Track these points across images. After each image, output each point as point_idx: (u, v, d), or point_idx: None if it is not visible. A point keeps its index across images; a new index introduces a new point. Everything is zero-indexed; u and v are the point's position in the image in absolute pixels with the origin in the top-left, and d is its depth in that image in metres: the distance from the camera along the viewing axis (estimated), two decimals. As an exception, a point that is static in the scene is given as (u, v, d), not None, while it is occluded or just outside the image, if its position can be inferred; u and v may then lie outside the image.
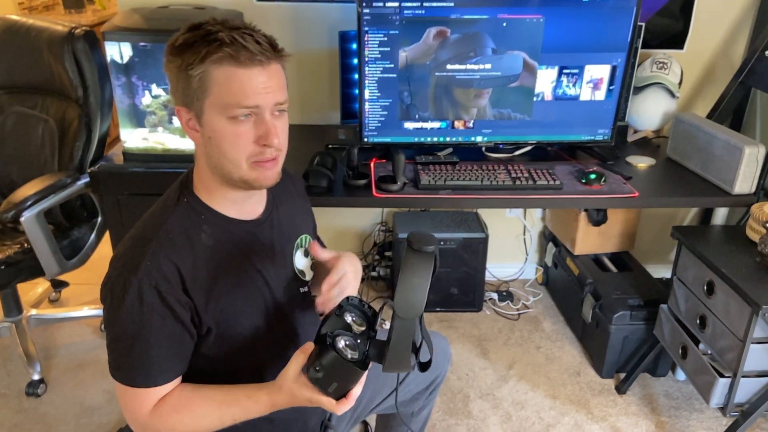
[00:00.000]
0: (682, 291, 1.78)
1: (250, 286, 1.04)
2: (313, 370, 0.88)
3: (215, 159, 0.96)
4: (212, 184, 1.00)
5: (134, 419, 0.99)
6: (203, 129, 0.95)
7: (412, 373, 1.29)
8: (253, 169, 0.96)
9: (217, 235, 1.00)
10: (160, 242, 0.94)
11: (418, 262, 0.86)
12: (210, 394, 0.99)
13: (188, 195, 1.01)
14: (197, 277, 0.96)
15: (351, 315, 0.96)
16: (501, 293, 2.51)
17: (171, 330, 0.95)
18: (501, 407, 1.95)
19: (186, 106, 0.94)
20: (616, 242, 2.29)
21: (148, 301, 0.92)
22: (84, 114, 1.94)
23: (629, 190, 1.74)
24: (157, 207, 1.01)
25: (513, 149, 2.00)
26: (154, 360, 0.95)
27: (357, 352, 0.90)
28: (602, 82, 1.87)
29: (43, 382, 1.97)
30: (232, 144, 0.93)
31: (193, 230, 0.98)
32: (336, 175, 1.79)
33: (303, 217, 1.19)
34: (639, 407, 1.96)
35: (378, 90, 1.85)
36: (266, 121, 0.94)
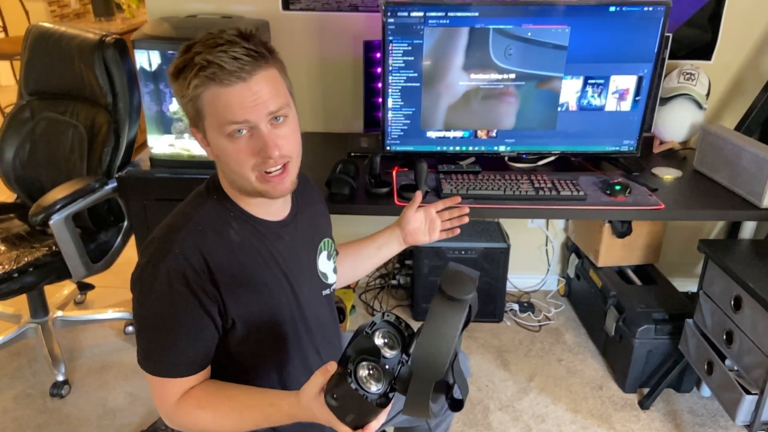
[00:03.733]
0: (709, 305, 1.75)
1: (274, 285, 1.05)
2: (329, 397, 0.80)
3: (228, 174, 1.00)
4: (234, 192, 1.03)
5: (161, 408, 1.00)
6: (211, 148, 0.99)
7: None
8: (261, 181, 0.97)
9: (245, 233, 1.02)
10: (189, 232, 0.96)
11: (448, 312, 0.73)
12: (234, 395, 0.99)
13: (217, 193, 1.03)
14: (224, 270, 0.98)
15: (383, 336, 0.87)
16: (522, 304, 2.48)
17: (197, 320, 0.96)
18: (521, 420, 1.93)
19: (195, 127, 0.99)
20: (640, 255, 2.26)
21: (176, 289, 0.94)
22: (113, 120, 1.98)
23: (655, 202, 1.72)
24: (186, 202, 1.04)
25: (536, 159, 1.99)
26: (179, 349, 0.96)
27: (381, 384, 0.80)
28: (628, 93, 1.85)
29: (68, 383, 2.01)
30: (235, 160, 0.95)
31: (222, 226, 1.00)
32: (358, 183, 1.80)
33: (325, 221, 1.21)
34: (662, 423, 1.92)
35: (401, 99, 1.85)
36: (263, 134, 0.93)
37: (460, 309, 0.73)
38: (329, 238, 1.19)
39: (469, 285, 0.74)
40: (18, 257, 1.85)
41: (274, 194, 0.99)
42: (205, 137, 0.98)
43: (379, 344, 0.85)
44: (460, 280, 0.75)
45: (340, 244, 1.36)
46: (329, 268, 1.18)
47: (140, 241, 1.93)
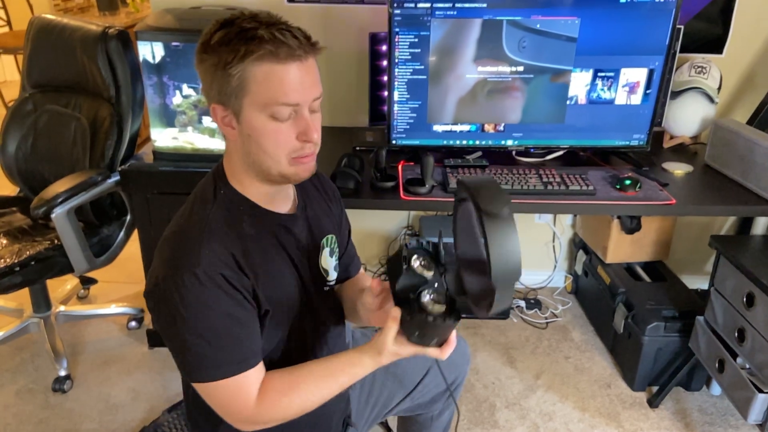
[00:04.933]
0: (720, 302, 1.72)
1: (288, 276, 1.04)
2: (414, 337, 0.89)
3: (254, 156, 0.95)
4: (246, 178, 0.99)
5: (240, 417, 0.96)
6: (241, 127, 0.93)
7: (430, 374, 1.30)
8: (292, 164, 0.95)
9: (257, 225, 1.00)
10: (211, 233, 0.93)
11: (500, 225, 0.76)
12: (310, 370, 0.99)
13: (224, 187, 1.00)
14: (248, 263, 0.96)
15: (417, 261, 0.93)
16: (529, 301, 2.46)
17: (245, 311, 0.95)
18: (528, 418, 1.90)
19: (222, 104, 0.93)
20: (649, 251, 2.22)
21: (219, 289, 0.91)
22: (116, 113, 1.96)
23: (666, 197, 1.69)
24: (194, 202, 1.00)
25: (544, 154, 1.96)
26: (243, 341, 0.94)
27: (442, 301, 0.89)
28: (638, 86, 1.82)
29: (70, 378, 1.99)
30: (273, 141, 0.92)
31: (235, 221, 0.97)
32: (363, 177, 1.77)
33: (330, 218, 1.18)
34: (672, 422, 1.89)
35: (407, 92, 1.82)
36: (305, 117, 0.93)
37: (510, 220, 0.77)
38: (333, 235, 1.17)
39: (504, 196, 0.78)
40: (20, 251, 1.83)
41: (302, 176, 0.98)
42: (236, 115, 0.92)
43: (420, 272, 0.91)
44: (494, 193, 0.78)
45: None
46: (331, 265, 1.16)
47: (143, 235, 1.91)
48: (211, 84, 0.92)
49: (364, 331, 1.45)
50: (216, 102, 0.93)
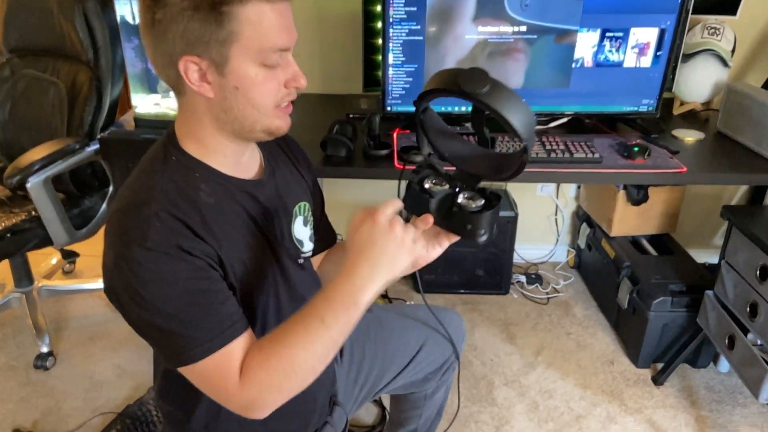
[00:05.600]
0: (732, 276, 1.63)
1: (257, 247, 0.94)
2: (479, 235, 0.88)
3: (238, 111, 0.84)
4: (211, 140, 0.89)
5: (227, 397, 0.84)
6: (225, 80, 0.82)
7: (423, 350, 1.23)
8: (277, 116, 0.87)
9: (218, 193, 0.89)
10: (159, 203, 0.82)
11: (498, 93, 0.76)
12: (287, 327, 0.83)
13: (176, 152, 0.88)
14: (208, 232, 0.85)
15: (429, 182, 0.91)
16: (529, 276, 2.37)
17: (213, 280, 0.84)
18: (527, 395, 1.83)
19: (197, 55, 0.80)
20: (656, 223, 2.13)
21: (177, 260, 0.80)
22: (94, 77, 1.85)
23: (676, 165, 1.59)
24: (140, 171, 0.89)
25: (547, 121, 1.85)
26: (219, 310, 0.83)
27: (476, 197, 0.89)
28: (649, 47, 1.71)
29: (52, 354, 1.92)
30: (265, 91, 0.84)
31: (190, 189, 0.86)
32: (356, 144, 1.67)
33: (300, 184, 1.07)
34: (677, 400, 1.82)
35: (403, 54, 1.72)
36: (290, 62, 0.86)
37: (498, 84, 0.77)
38: (306, 203, 1.07)
39: (482, 74, 0.77)
40: (-4, 222, 1.74)
41: (285, 129, 0.90)
42: (218, 66, 0.81)
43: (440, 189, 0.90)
44: (471, 77, 0.77)
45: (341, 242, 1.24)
46: (305, 234, 1.06)
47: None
48: (182, 32, 0.79)
49: None
50: (188, 54, 0.80)
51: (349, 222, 0.89)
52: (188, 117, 0.88)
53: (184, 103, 0.87)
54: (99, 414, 1.72)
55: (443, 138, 0.95)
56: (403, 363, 1.26)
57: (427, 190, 0.91)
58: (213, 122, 0.87)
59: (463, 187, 0.90)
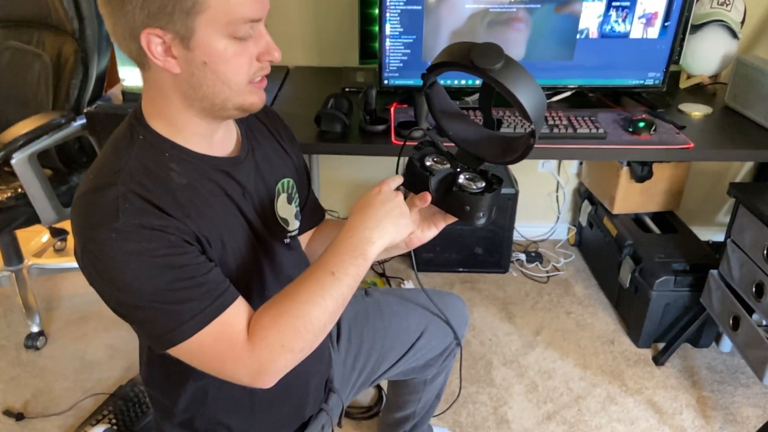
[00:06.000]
0: (737, 255, 1.59)
1: (236, 228, 0.89)
2: (477, 218, 0.86)
3: (207, 88, 0.79)
4: (179, 117, 0.82)
5: (235, 366, 0.78)
6: (192, 54, 0.76)
7: (425, 336, 1.20)
8: (251, 92, 0.82)
9: (190, 173, 0.83)
10: (125, 184, 0.77)
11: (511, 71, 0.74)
12: (297, 284, 0.81)
13: (143, 131, 0.82)
14: (181, 212, 0.79)
15: (430, 160, 0.90)
16: (529, 254, 2.33)
17: (191, 253, 0.78)
18: (526, 376, 1.80)
19: (161, 27, 0.74)
20: (660, 201, 2.09)
21: (150, 239, 0.75)
22: (80, 49, 1.78)
23: (683, 140, 1.53)
24: (106, 152, 0.83)
25: (550, 95, 1.79)
26: (203, 282, 0.77)
27: (477, 178, 0.88)
28: (656, 17, 1.64)
29: (43, 334, 1.89)
30: (236, 66, 0.78)
31: (160, 170, 0.80)
32: (351, 120, 1.62)
33: (284, 160, 1.02)
34: (678, 380, 1.79)
35: (400, 25, 1.65)
36: (263, 34, 0.80)
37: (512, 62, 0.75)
38: (290, 179, 1.01)
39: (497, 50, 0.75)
40: (-19, 200, 1.69)
41: (259, 105, 0.84)
42: (183, 40, 0.75)
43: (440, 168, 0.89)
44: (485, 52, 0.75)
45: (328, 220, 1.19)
46: (290, 212, 1.01)
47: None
48: (142, 3, 0.73)
49: None
50: (150, 26, 0.74)
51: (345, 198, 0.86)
52: (154, 94, 0.82)
53: (149, 78, 0.81)
54: (90, 395, 1.69)
55: (448, 116, 0.92)
56: (403, 349, 1.22)
57: (427, 168, 0.89)
58: (181, 99, 0.81)
59: (464, 167, 0.89)
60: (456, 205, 0.87)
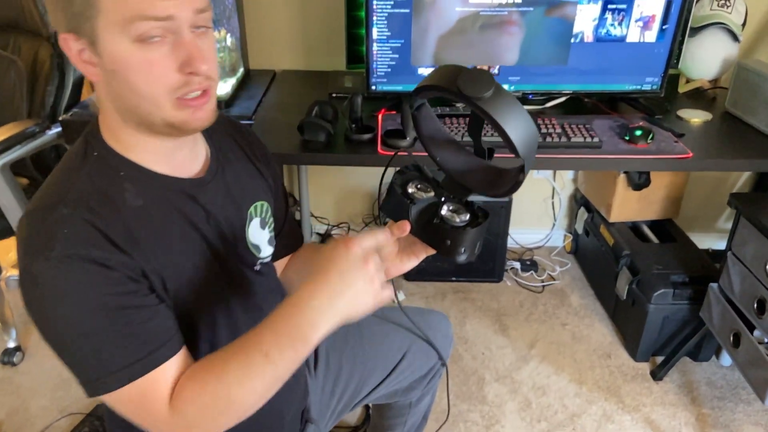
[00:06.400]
0: (738, 269, 1.53)
1: (197, 256, 0.81)
2: (458, 254, 0.79)
3: (126, 99, 0.71)
4: (125, 133, 0.75)
5: (155, 426, 0.73)
6: (102, 60, 0.69)
7: (407, 358, 1.15)
8: (179, 108, 0.72)
9: (147, 195, 0.76)
10: (70, 206, 0.70)
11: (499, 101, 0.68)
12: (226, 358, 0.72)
13: (98, 147, 0.76)
14: (130, 242, 0.72)
15: (413, 187, 0.85)
16: (524, 262, 2.27)
17: (134, 294, 0.72)
18: (520, 392, 1.74)
19: (74, 32, 0.69)
20: (658, 209, 2.02)
21: (87, 273, 0.68)
22: (56, 54, 1.72)
23: (681, 150, 1.47)
24: (58, 168, 0.77)
25: (544, 101, 1.72)
26: (140, 332, 0.71)
27: (462, 210, 0.82)
28: (654, 21, 1.57)
29: (20, 350, 1.83)
30: (146, 75, 0.69)
31: (113, 190, 0.74)
32: (337, 128, 1.55)
33: (257, 182, 0.94)
34: (677, 396, 1.73)
35: (388, 28, 1.58)
36: (186, 41, 0.70)
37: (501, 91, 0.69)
38: (265, 202, 0.94)
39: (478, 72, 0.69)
40: (-48, 212, 1.63)
41: (196, 125, 0.74)
42: (92, 45, 0.69)
43: (423, 196, 0.84)
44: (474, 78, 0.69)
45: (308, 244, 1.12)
46: (263, 238, 0.93)
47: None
48: (55, 5, 0.69)
49: None
50: (65, 30, 0.69)
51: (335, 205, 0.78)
52: (102, 109, 0.76)
53: (96, 90, 0.76)
54: (67, 414, 1.63)
55: (437, 141, 0.86)
56: (384, 372, 1.16)
57: (409, 195, 0.84)
58: (114, 112, 0.75)
59: (449, 197, 0.83)
60: (436, 237, 0.81)
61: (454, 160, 0.85)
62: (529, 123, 0.70)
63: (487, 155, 0.83)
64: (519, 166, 0.74)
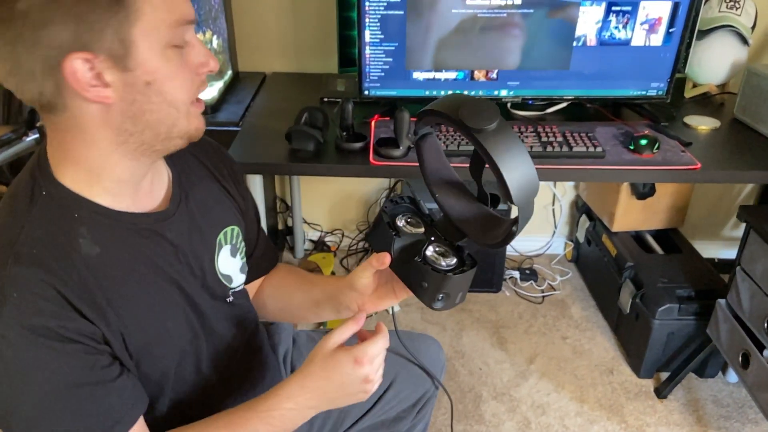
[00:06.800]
0: (747, 285, 1.45)
1: (165, 305, 0.74)
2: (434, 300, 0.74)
3: (152, 114, 0.65)
4: (104, 162, 0.67)
5: None
6: (133, 74, 0.62)
7: (394, 386, 1.09)
8: (195, 114, 0.70)
9: (104, 239, 0.68)
10: (19, 261, 0.62)
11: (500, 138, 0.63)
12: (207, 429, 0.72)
13: (48, 185, 0.66)
14: (88, 301, 0.65)
15: (402, 220, 0.81)
16: (523, 271, 2.20)
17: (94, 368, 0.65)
18: (518, 411, 1.67)
19: (89, 50, 0.59)
20: (663, 218, 1.95)
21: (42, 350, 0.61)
22: (34, 57, 1.64)
23: (689, 160, 1.40)
24: (1, 215, 0.68)
25: (544, 106, 1.65)
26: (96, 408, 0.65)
27: (449, 254, 0.77)
28: (660, 23, 1.50)
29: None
30: (181, 82, 0.66)
31: (66, 237, 0.66)
32: (327, 135, 1.48)
33: (225, 205, 0.86)
34: (682, 415, 1.66)
35: (381, 31, 1.51)
36: (196, 43, 0.68)
37: (507, 129, 0.64)
38: (235, 227, 0.87)
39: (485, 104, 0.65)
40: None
41: (203, 130, 0.72)
42: (118, 61, 0.61)
43: (410, 231, 0.79)
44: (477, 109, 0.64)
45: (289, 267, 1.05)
46: (234, 267, 0.86)
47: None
48: (61, 24, 0.58)
49: (311, 335, 1.17)
50: (76, 50, 0.59)
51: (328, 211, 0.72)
52: (68, 138, 0.66)
53: (63, 121, 0.65)
54: None
55: (440, 176, 0.80)
56: (369, 403, 1.08)
57: (396, 227, 0.79)
58: (111, 138, 0.66)
59: (440, 238, 0.78)
60: (414, 277, 0.75)
61: (454, 202, 0.79)
62: (530, 168, 0.64)
63: (489, 201, 0.77)
64: (513, 219, 0.68)
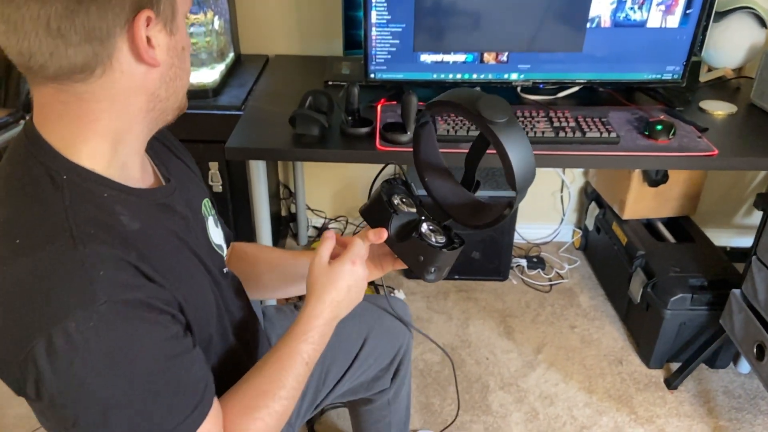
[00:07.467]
0: (763, 275, 1.42)
1: (197, 272, 0.73)
2: (428, 272, 0.83)
3: (180, 80, 0.66)
4: (128, 134, 0.64)
5: None
6: (175, 39, 0.63)
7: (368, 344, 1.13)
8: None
9: (138, 215, 0.65)
10: (86, 244, 0.57)
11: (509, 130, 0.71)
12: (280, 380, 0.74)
13: (65, 170, 0.60)
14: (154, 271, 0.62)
15: (397, 199, 0.87)
16: (531, 259, 2.16)
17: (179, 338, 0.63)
18: (526, 401, 1.64)
19: (150, 7, 0.58)
20: (675, 206, 1.91)
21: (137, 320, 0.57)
22: (31, 39, 1.60)
23: (706, 146, 1.35)
24: (15, 210, 0.59)
25: (556, 90, 1.60)
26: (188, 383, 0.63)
27: (440, 231, 0.85)
28: (677, 4, 1.44)
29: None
30: (188, 54, 0.68)
31: (109, 216, 0.61)
32: (332, 120, 1.44)
33: (192, 180, 0.84)
34: (693, 407, 1.63)
35: (387, 11, 1.46)
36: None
37: (515, 123, 0.73)
38: (207, 198, 0.86)
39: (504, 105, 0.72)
40: None
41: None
42: (170, 24, 0.62)
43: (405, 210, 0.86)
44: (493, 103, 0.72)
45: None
46: (220, 237, 0.87)
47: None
48: None
49: (279, 307, 1.17)
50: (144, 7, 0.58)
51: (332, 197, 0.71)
52: (92, 108, 0.60)
53: (91, 90, 0.59)
54: (46, 423, 1.55)
55: (430, 163, 0.89)
56: (346, 362, 1.10)
57: (393, 205, 0.85)
58: (142, 104, 0.63)
59: (428, 217, 0.86)
60: (411, 252, 0.83)
61: (440, 186, 0.88)
62: (532, 160, 0.72)
63: (474, 187, 0.86)
64: (508, 202, 0.76)
